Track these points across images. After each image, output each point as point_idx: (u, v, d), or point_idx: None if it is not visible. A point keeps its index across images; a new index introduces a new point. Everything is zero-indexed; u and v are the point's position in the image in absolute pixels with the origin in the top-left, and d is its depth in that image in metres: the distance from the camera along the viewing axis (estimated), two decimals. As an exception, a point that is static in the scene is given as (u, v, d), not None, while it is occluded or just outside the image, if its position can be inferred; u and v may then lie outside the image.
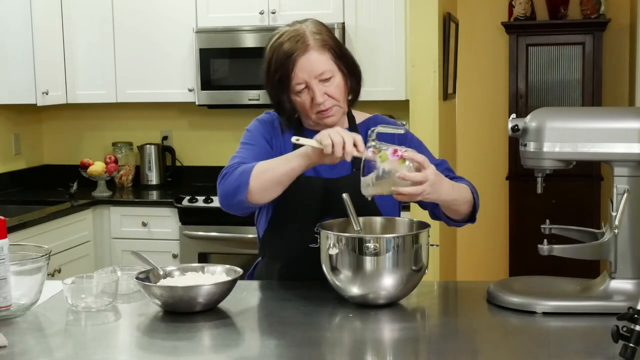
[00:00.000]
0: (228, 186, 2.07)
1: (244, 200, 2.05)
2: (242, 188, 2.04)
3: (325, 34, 2.16)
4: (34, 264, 1.95)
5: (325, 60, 2.12)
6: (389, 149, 1.92)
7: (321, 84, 2.11)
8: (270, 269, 2.26)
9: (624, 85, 5.22)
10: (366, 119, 2.29)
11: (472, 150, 5.43)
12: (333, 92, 2.13)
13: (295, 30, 2.14)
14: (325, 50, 2.12)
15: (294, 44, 2.10)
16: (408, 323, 1.91)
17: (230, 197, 2.07)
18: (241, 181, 2.04)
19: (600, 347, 1.65)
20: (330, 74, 2.12)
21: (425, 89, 4.11)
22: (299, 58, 2.10)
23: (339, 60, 2.15)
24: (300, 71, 2.10)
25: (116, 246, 4.44)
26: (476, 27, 5.37)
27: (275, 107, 2.22)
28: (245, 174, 2.04)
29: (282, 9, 4.41)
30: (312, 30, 2.14)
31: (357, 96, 2.24)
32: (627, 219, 1.89)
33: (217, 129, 4.89)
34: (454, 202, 2.07)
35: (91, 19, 4.63)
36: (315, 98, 2.11)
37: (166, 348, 1.74)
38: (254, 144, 2.21)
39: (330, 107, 2.13)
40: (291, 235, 2.18)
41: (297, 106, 2.15)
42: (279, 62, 2.11)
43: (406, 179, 1.89)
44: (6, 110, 4.71)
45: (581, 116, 1.96)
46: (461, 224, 2.21)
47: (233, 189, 2.06)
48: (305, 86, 2.12)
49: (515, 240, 5.29)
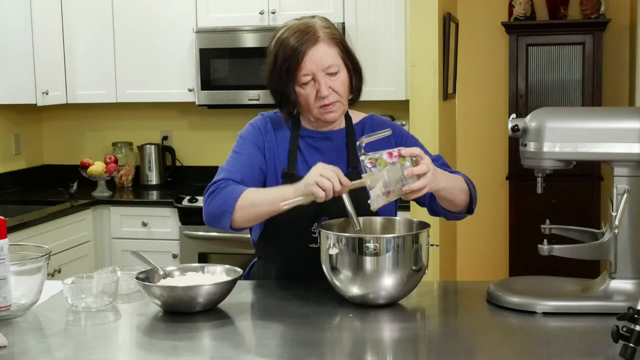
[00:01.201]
0: (214, 208, 2.11)
1: (227, 227, 2.10)
2: (226, 215, 2.08)
3: (333, 29, 2.18)
4: (34, 264, 1.95)
5: (334, 54, 2.13)
6: (383, 155, 1.92)
7: (327, 77, 2.12)
8: (267, 270, 2.27)
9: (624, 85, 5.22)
10: (362, 119, 2.29)
11: (472, 150, 5.43)
12: (337, 87, 2.14)
13: (304, 23, 2.16)
14: (334, 45, 2.14)
15: (303, 35, 2.12)
16: (408, 323, 1.91)
17: (215, 220, 2.12)
18: (226, 208, 2.07)
19: (600, 347, 1.65)
20: (337, 68, 2.13)
21: (425, 89, 4.11)
22: (308, 49, 2.10)
23: (346, 56, 2.17)
24: (309, 62, 2.11)
25: (116, 246, 4.44)
26: (476, 27, 5.37)
27: (278, 100, 2.22)
28: (230, 201, 2.07)
29: (282, 9, 4.41)
30: (321, 25, 2.15)
31: (358, 96, 2.24)
32: (627, 219, 1.89)
33: (217, 129, 4.89)
34: (451, 190, 2.06)
35: (91, 19, 4.63)
36: (321, 91, 2.11)
37: (166, 348, 1.74)
38: (243, 152, 2.22)
39: (333, 102, 2.14)
40: (287, 236, 2.19)
41: (300, 99, 2.16)
42: (288, 53, 2.12)
43: (414, 174, 1.90)
44: (6, 110, 4.71)
45: (581, 116, 1.95)
46: (460, 217, 2.20)
47: (218, 214, 2.10)
48: (311, 78, 2.12)
49: (515, 240, 5.29)
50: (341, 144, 2.23)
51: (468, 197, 2.15)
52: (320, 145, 2.23)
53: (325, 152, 2.22)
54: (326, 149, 2.23)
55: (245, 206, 2.06)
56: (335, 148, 2.23)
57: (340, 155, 2.21)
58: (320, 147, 2.23)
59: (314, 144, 2.23)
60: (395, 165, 1.91)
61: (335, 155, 2.21)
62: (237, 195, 2.07)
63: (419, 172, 1.91)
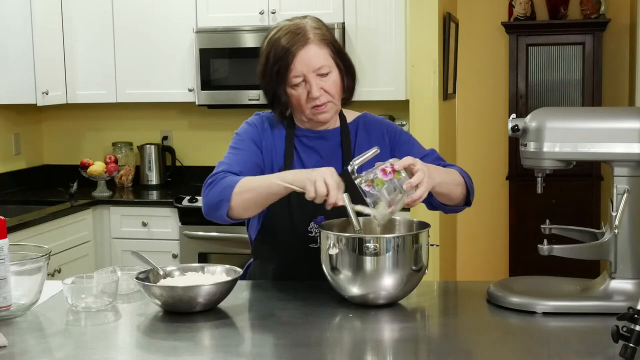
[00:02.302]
0: (211, 198, 2.09)
1: (224, 215, 2.08)
2: (224, 203, 2.06)
3: (324, 29, 2.17)
4: (34, 264, 1.95)
5: (324, 55, 2.13)
6: (377, 174, 1.91)
7: (318, 78, 2.12)
8: (264, 270, 2.27)
9: (624, 85, 5.22)
10: (356, 118, 2.30)
11: (472, 150, 5.43)
12: (329, 88, 2.13)
13: (295, 24, 2.16)
14: (324, 45, 2.13)
15: (294, 37, 2.12)
16: (408, 323, 1.91)
17: (213, 210, 2.10)
18: (224, 196, 2.06)
19: (600, 347, 1.65)
20: (328, 69, 2.13)
21: (425, 89, 4.11)
22: (298, 51, 2.10)
23: (337, 57, 2.16)
24: (299, 64, 2.10)
25: (116, 246, 4.44)
26: (476, 27, 5.37)
27: (270, 100, 2.22)
28: (228, 189, 2.06)
29: (282, 9, 4.41)
30: (312, 25, 2.15)
31: (351, 95, 2.24)
32: (627, 219, 1.89)
33: (217, 129, 4.89)
34: (446, 185, 2.06)
35: (91, 19, 4.63)
36: (312, 92, 2.11)
37: (166, 348, 1.74)
38: (241, 148, 2.22)
39: (325, 103, 2.14)
40: (284, 236, 2.19)
41: (292, 100, 2.16)
42: (278, 54, 2.12)
43: (412, 186, 1.90)
44: (6, 110, 4.71)
45: (581, 116, 1.95)
46: (458, 209, 2.20)
47: (215, 203, 2.08)
48: (302, 79, 2.12)
49: (515, 240, 5.29)
50: (336, 143, 2.24)
51: (464, 190, 2.14)
52: (315, 144, 2.23)
53: (320, 151, 2.22)
54: (321, 148, 2.23)
55: (243, 192, 2.04)
56: (330, 147, 2.23)
57: (336, 154, 2.22)
58: (315, 146, 2.23)
59: (309, 143, 2.23)
60: (392, 182, 1.91)
61: (330, 154, 2.21)
62: (234, 183, 2.06)
63: (417, 182, 1.90)
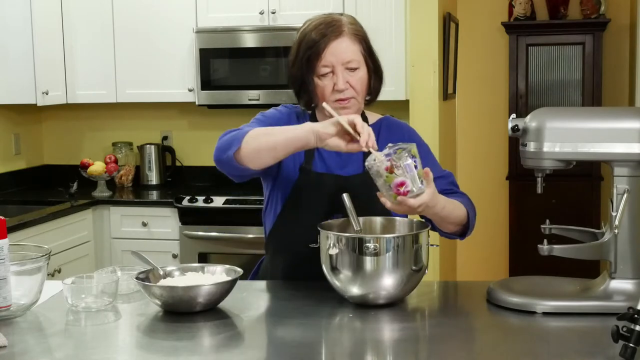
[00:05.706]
0: (224, 141, 2.08)
1: (232, 156, 2.03)
2: (234, 144, 2.03)
3: (359, 26, 2.19)
4: (34, 264, 1.95)
5: (355, 50, 2.14)
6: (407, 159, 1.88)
7: (346, 72, 2.13)
8: (275, 266, 2.26)
9: (624, 85, 5.23)
10: (378, 120, 2.31)
11: (472, 150, 5.43)
12: (355, 83, 2.14)
13: (330, 16, 2.18)
14: (357, 41, 2.15)
15: (328, 27, 2.13)
16: (408, 323, 1.91)
17: (222, 151, 2.06)
18: (236, 137, 2.04)
19: (600, 347, 1.65)
20: (357, 64, 2.14)
21: (425, 89, 4.11)
22: (331, 41, 2.11)
23: (368, 55, 2.18)
24: (330, 54, 2.11)
25: (116, 246, 4.44)
26: (476, 27, 5.37)
27: (297, 89, 2.21)
28: (242, 132, 2.05)
29: (282, 9, 4.41)
30: (347, 20, 2.17)
31: (375, 97, 2.25)
32: (627, 219, 1.89)
33: (217, 129, 4.82)
34: (442, 219, 2.04)
35: (91, 19, 4.63)
36: (338, 84, 2.12)
37: (166, 348, 1.74)
38: (268, 116, 2.23)
39: (349, 98, 2.14)
40: (299, 232, 2.16)
41: (317, 90, 2.15)
42: (311, 42, 2.13)
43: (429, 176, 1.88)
44: (6, 110, 4.71)
45: (581, 116, 1.95)
46: (451, 237, 2.19)
47: (227, 144, 2.05)
48: (330, 70, 2.13)
49: (515, 240, 5.29)
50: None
51: (462, 228, 2.13)
52: None
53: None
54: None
55: (257, 135, 2.02)
56: None
57: (357, 153, 2.20)
58: None
59: None
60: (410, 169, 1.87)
61: (351, 152, 2.20)
62: (250, 130, 2.05)
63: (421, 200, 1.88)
